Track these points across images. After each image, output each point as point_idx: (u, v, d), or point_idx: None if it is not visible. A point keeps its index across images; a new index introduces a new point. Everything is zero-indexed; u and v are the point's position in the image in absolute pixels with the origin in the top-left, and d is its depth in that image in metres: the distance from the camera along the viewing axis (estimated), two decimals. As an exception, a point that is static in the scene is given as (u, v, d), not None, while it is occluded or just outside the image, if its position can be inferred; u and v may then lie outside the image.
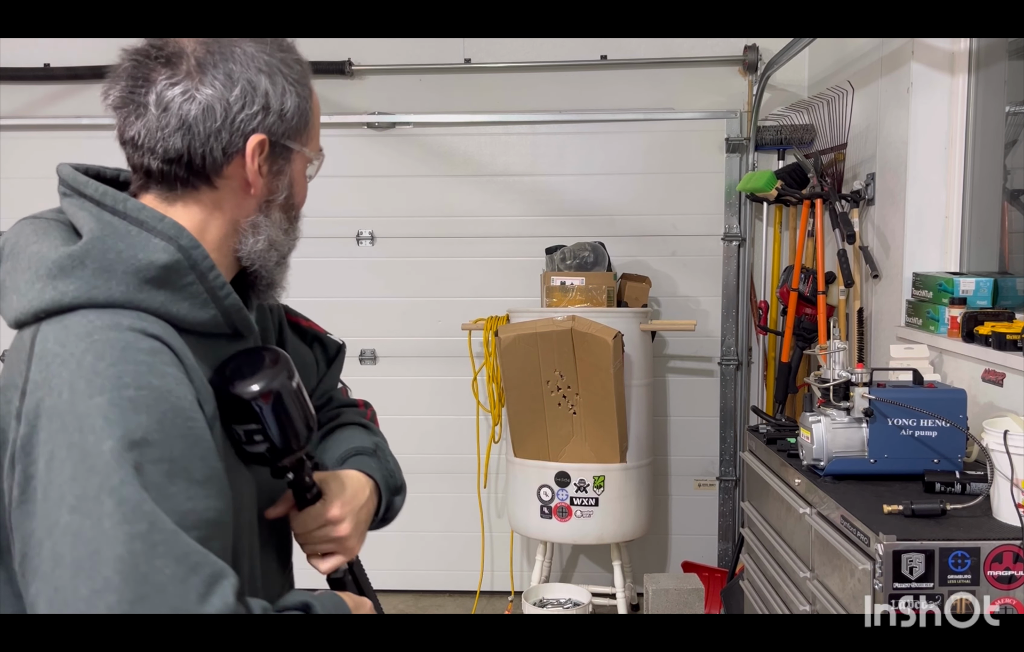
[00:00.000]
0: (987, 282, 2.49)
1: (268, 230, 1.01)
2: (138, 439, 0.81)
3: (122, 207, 0.91)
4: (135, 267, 0.89)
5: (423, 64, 3.84)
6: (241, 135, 0.95)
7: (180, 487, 0.82)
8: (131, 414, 0.81)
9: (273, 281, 1.05)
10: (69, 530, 0.78)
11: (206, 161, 0.94)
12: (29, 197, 3.81)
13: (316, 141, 1.06)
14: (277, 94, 0.96)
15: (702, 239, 3.85)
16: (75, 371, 0.82)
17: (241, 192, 0.98)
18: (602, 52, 3.82)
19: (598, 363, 3.12)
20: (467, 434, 3.89)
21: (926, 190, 2.80)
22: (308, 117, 1.02)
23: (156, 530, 0.79)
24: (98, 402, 0.81)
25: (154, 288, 0.89)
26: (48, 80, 3.90)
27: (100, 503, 0.78)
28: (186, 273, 0.92)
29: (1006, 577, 1.68)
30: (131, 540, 0.78)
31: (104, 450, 0.79)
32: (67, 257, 0.88)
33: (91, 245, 0.89)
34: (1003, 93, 2.68)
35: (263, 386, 0.96)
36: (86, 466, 0.79)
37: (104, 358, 0.83)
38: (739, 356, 3.84)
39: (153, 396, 0.83)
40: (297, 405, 0.99)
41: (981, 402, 2.26)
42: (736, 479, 3.85)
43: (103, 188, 0.93)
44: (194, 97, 0.92)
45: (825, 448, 2.10)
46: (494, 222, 3.90)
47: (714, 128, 3.81)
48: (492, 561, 4.00)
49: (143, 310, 0.89)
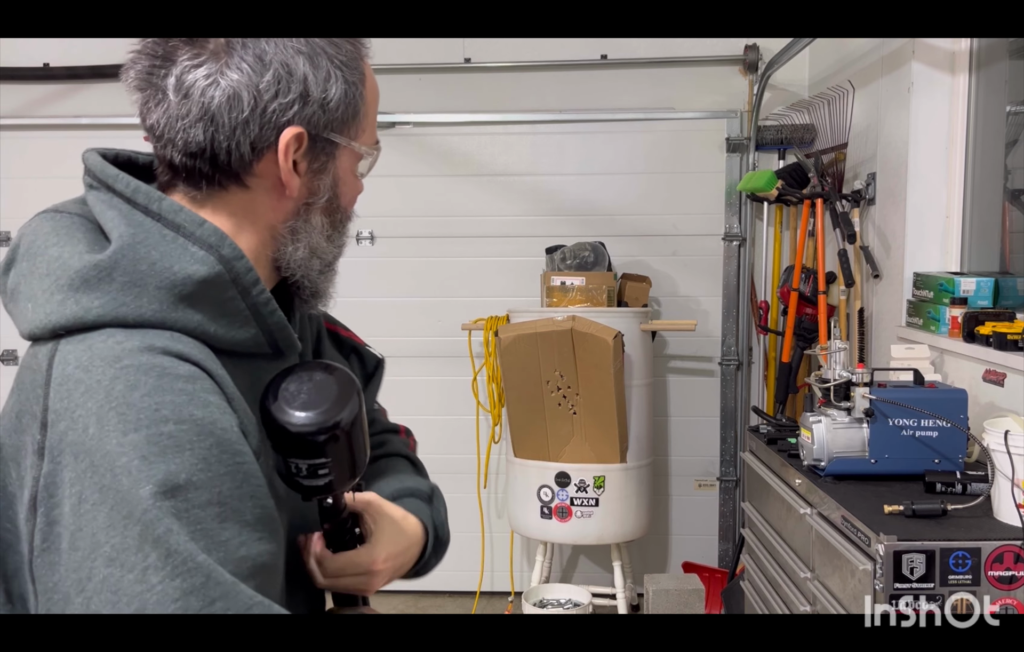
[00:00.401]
0: (988, 282, 2.49)
1: (309, 236, 0.88)
2: (182, 482, 0.70)
3: (156, 207, 0.80)
4: (170, 281, 0.77)
5: (423, 64, 3.84)
6: (274, 128, 0.82)
7: (232, 532, 0.72)
8: (172, 453, 0.71)
9: (318, 290, 0.94)
10: (107, 585, 0.68)
11: (232, 157, 0.82)
12: (29, 197, 3.82)
13: (371, 133, 0.91)
14: (319, 79, 0.83)
15: (702, 239, 3.85)
16: (103, 402, 0.71)
17: (276, 193, 0.86)
18: (602, 51, 3.82)
19: (598, 363, 3.12)
20: (467, 434, 3.89)
21: (927, 190, 2.79)
22: (359, 106, 0.87)
23: (213, 584, 0.69)
24: (133, 439, 0.70)
25: (190, 306, 0.78)
26: (47, 80, 3.91)
27: (144, 555, 0.68)
28: (227, 288, 0.81)
29: (1007, 577, 1.68)
30: (186, 596, 0.68)
31: (143, 496, 0.69)
32: (92, 267, 0.76)
33: (120, 254, 0.77)
34: (1004, 93, 2.68)
35: (342, 419, 0.83)
36: (123, 513, 0.69)
37: (138, 388, 0.72)
38: (739, 356, 3.83)
39: (196, 431, 0.72)
40: (363, 435, 0.88)
41: (982, 402, 2.25)
42: (736, 479, 3.85)
43: (135, 184, 0.81)
44: (218, 82, 0.80)
45: (826, 448, 2.10)
46: (494, 222, 3.90)
47: (714, 128, 3.81)
48: (492, 562, 4.00)
49: (178, 330, 0.78)
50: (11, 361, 3.97)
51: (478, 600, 3.95)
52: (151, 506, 0.69)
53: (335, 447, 0.84)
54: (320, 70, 0.83)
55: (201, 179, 0.84)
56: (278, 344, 0.88)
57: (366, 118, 0.90)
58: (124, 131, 3.83)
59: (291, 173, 0.84)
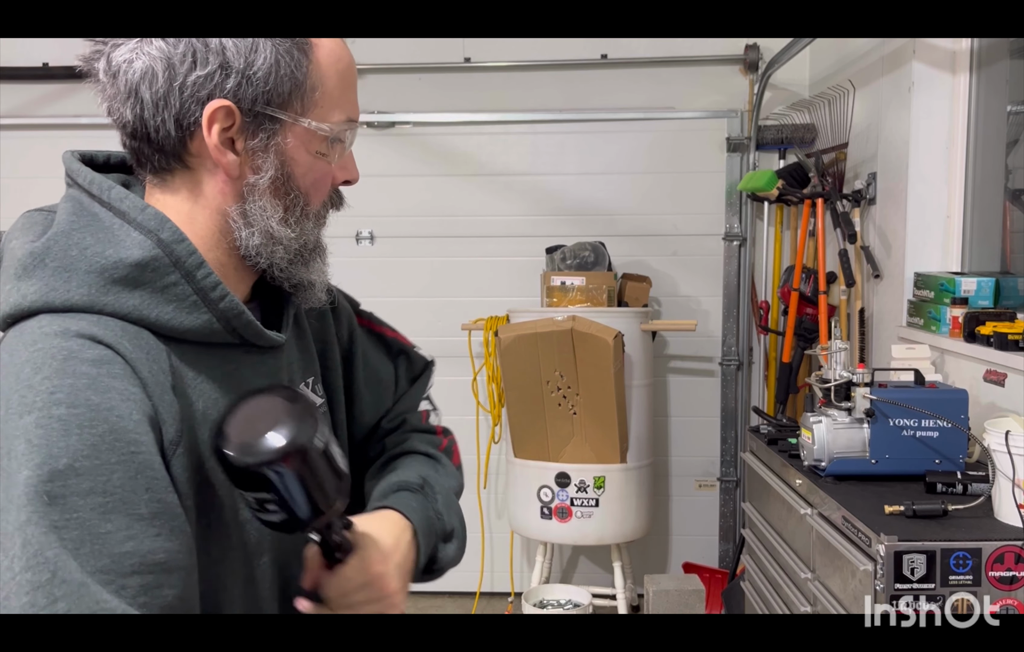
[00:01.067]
0: (989, 282, 2.49)
1: (261, 220, 0.85)
2: (62, 467, 0.68)
3: (106, 196, 0.80)
4: (100, 266, 0.77)
5: (423, 63, 3.84)
6: (196, 102, 0.80)
7: (118, 524, 0.69)
8: (58, 437, 0.69)
9: (298, 281, 0.90)
10: None
11: (160, 134, 0.81)
12: (28, 197, 3.81)
13: (330, 110, 0.86)
14: (241, 51, 0.80)
15: (703, 239, 3.84)
16: (13, 385, 0.71)
17: (218, 174, 0.83)
18: (602, 51, 3.81)
19: (598, 363, 3.11)
20: (467, 434, 3.89)
21: (927, 190, 2.79)
22: (301, 79, 0.83)
23: (58, 582, 0.66)
24: (25, 422, 0.69)
25: (125, 289, 0.77)
26: (47, 80, 3.91)
27: (13, 541, 0.66)
28: (167, 272, 0.79)
29: (1008, 578, 1.68)
30: (34, 591, 0.66)
31: (19, 480, 0.67)
32: (29, 255, 0.78)
33: (53, 240, 0.78)
34: (1004, 92, 2.68)
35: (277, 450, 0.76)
36: (6, 497, 0.68)
37: (40, 371, 0.71)
38: (740, 356, 3.83)
39: (89, 415, 0.70)
40: (326, 465, 0.80)
41: (983, 402, 2.25)
42: (737, 480, 3.85)
43: (92, 175, 0.82)
44: (136, 58, 0.80)
45: (826, 448, 2.09)
46: (494, 222, 3.90)
47: (715, 127, 3.81)
48: (492, 562, 4.00)
49: (108, 314, 0.76)
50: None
51: (478, 600, 3.95)
52: (22, 492, 0.67)
53: (284, 480, 0.77)
54: (243, 41, 0.81)
55: (146, 162, 0.84)
56: (240, 333, 0.85)
57: (321, 94, 0.85)
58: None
59: (221, 149, 0.82)
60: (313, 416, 0.80)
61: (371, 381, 1.11)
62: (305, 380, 0.98)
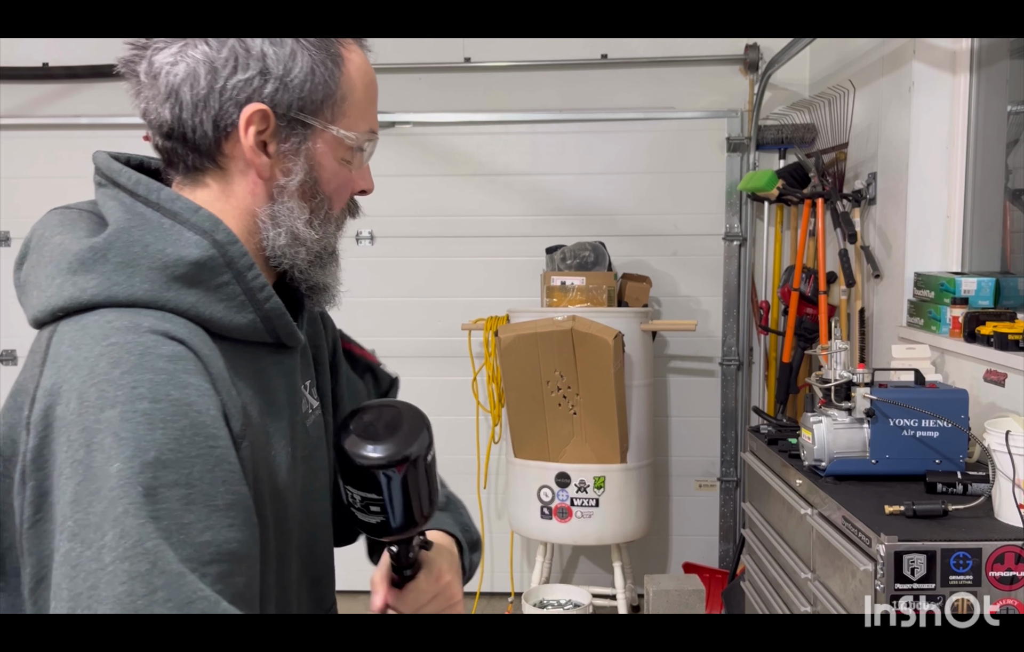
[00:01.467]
0: (989, 282, 2.48)
1: (288, 221, 0.88)
2: (150, 460, 0.71)
3: (155, 197, 0.83)
4: (162, 262, 0.79)
5: (423, 63, 3.84)
6: (235, 104, 0.83)
7: (198, 515, 0.72)
8: (145, 431, 0.71)
9: (314, 284, 0.93)
10: (68, 560, 0.69)
11: (197, 134, 0.84)
12: (28, 196, 3.82)
13: (356, 120, 0.90)
14: (280, 57, 0.84)
15: (703, 239, 3.84)
16: (86, 379, 0.73)
17: (250, 176, 0.87)
18: (602, 51, 3.81)
19: (598, 363, 3.11)
20: (467, 434, 3.88)
21: (928, 190, 2.79)
22: (333, 88, 0.87)
23: (158, 572, 0.69)
24: (108, 416, 0.71)
25: (184, 286, 0.80)
26: (47, 79, 3.90)
27: (102, 533, 0.69)
28: (221, 271, 0.82)
29: (1008, 578, 1.68)
30: (132, 580, 0.68)
31: (111, 472, 0.69)
32: (88, 250, 0.79)
33: (115, 237, 0.80)
34: (1005, 92, 2.68)
35: (392, 454, 0.82)
36: (91, 489, 0.70)
37: (119, 365, 0.73)
38: (740, 356, 3.83)
39: (171, 410, 0.73)
40: (427, 481, 0.85)
41: (983, 402, 2.25)
42: (737, 480, 3.85)
43: (137, 176, 0.84)
44: (179, 61, 0.83)
45: (826, 448, 2.09)
46: (494, 222, 3.90)
47: (715, 127, 3.81)
48: (492, 562, 4.00)
49: (169, 311, 0.79)
50: (11, 361, 3.97)
51: (478, 600, 3.95)
52: (116, 484, 0.69)
53: (392, 485, 0.83)
54: (283, 48, 0.84)
55: (179, 162, 0.87)
56: (278, 333, 0.88)
57: (347, 103, 0.89)
58: (124, 131, 3.83)
59: (255, 151, 0.85)
60: (427, 432, 0.86)
61: (351, 392, 1.14)
62: (304, 382, 1.00)
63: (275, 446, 0.87)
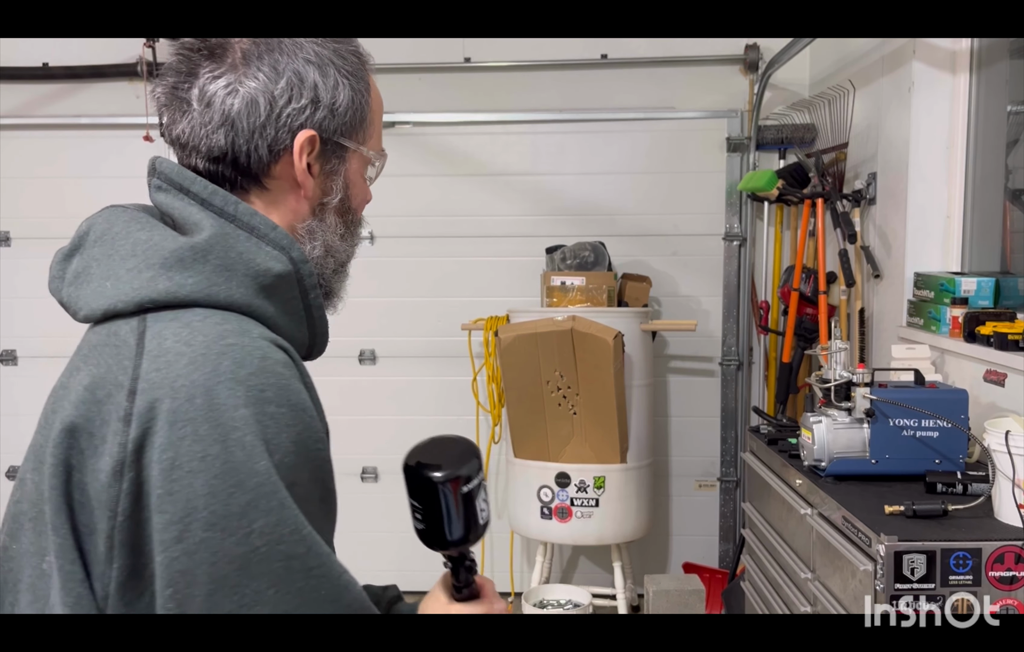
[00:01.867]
0: (989, 282, 2.48)
1: (324, 235, 0.95)
2: (277, 462, 0.76)
3: (232, 209, 0.87)
4: (255, 271, 0.84)
5: (423, 63, 3.84)
6: (288, 131, 0.89)
7: (307, 508, 0.79)
8: (274, 433, 0.77)
9: (331, 290, 0.99)
10: (206, 547, 0.73)
11: (251, 159, 0.89)
12: (28, 196, 3.81)
13: (377, 140, 0.99)
14: (328, 87, 0.90)
15: (703, 239, 3.84)
16: (211, 376, 0.76)
17: (293, 194, 0.92)
18: (602, 51, 3.81)
19: (598, 363, 3.11)
20: (467, 434, 3.87)
21: (928, 190, 2.79)
22: (365, 113, 0.95)
23: (313, 555, 0.77)
24: (243, 414, 0.75)
25: (267, 297, 0.85)
26: (47, 79, 3.90)
27: (249, 521, 0.74)
28: (292, 286, 0.88)
29: (1008, 578, 1.68)
30: (288, 559, 0.75)
31: (258, 469, 0.75)
32: (189, 248, 0.82)
33: (216, 240, 0.83)
34: (1004, 92, 2.68)
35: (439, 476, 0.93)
36: (229, 482, 0.74)
37: (244, 367, 0.77)
38: (740, 356, 3.83)
39: (292, 415, 0.79)
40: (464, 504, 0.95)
41: (983, 402, 2.25)
42: (737, 480, 3.85)
43: (212, 187, 0.88)
44: (237, 90, 0.87)
45: (826, 449, 2.09)
46: (494, 222, 3.90)
47: (715, 127, 3.81)
48: (492, 562, 3.99)
49: (257, 317, 0.84)
50: (11, 361, 3.96)
51: (478, 600, 3.94)
52: (265, 480, 0.75)
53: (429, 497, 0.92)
54: (329, 78, 0.91)
55: (224, 183, 0.90)
56: (315, 348, 0.96)
57: (372, 125, 0.97)
58: (124, 131, 3.84)
59: (306, 174, 0.91)
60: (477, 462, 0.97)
61: None
62: None
63: None
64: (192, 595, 0.73)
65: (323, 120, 0.91)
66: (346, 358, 3.93)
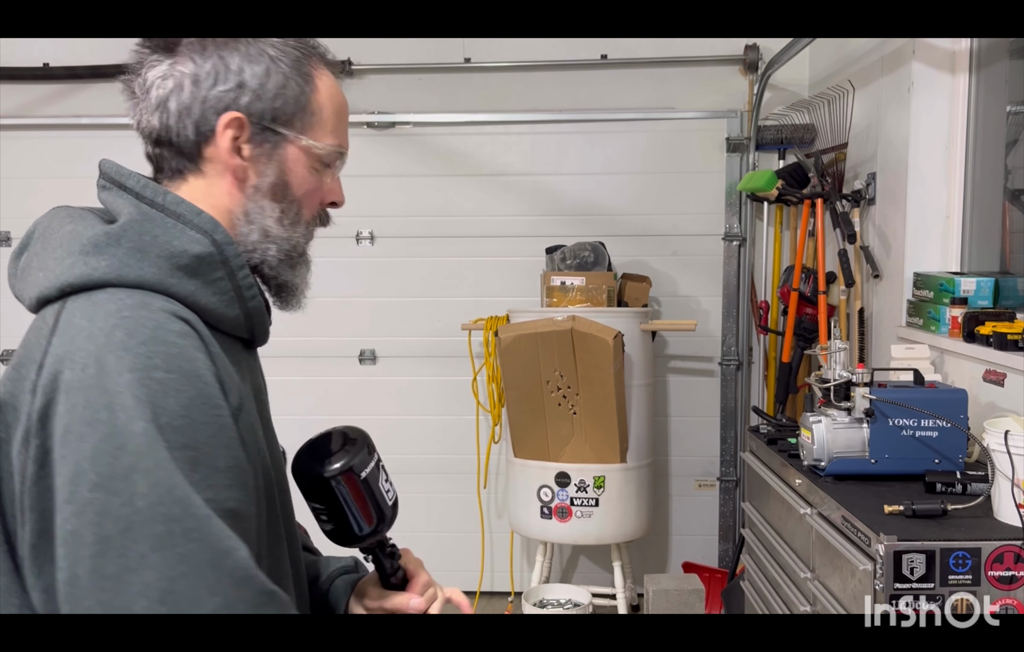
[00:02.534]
0: (988, 282, 2.49)
1: (260, 220, 0.97)
2: (163, 424, 0.79)
3: (161, 199, 0.92)
4: (169, 252, 0.88)
5: (423, 64, 3.84)
6: (214, 112, 0.93)
7: (202, 474, 0.80)
8: (160, 397, 0.79)
9: (283, 282, 1.01)
10: (91, 507, 0.76)
11: (181, 138, 0.94)
12: (28, 197, 3.81)
13: (325, 135, 1.00)
14: (256, 73, 0.94)
15: (703, 239, 3.84)
16: (103, 346, 0.80)
17: (228, 178, 0.96)
18: (602, 51, 3.81)
19: (598, 363, 3.12)
20: (467, 434, 3.89)
21: (927, 190, 2.79)
22: (304, 103, 0.97)
23: (189, 516, 0.78)
24: (127, 380, 0.79)
25: (185, 276, 0.89)
26: (47, 80, 3.90)
27: (132, 482, 0.77)
28: (217, 267, 0.91)
29: (1007, 577, 1.68)
30: (168, 521, 0.77)
31: (136, 431, 0.78)
32: (103, 234, 0.88)
33: (128, 226, 0.88)
34: (1004, 93, 2.68)
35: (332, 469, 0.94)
36: (113, 444, 0.77)
37: (135, 336, 0.81)
38: (740, 356, 3.83)
39: (182, 381, 0.81)
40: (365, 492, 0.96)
41: (982, 402, 2.25)
42: (737, 479, 3.85)
43: (144, 180, 0.93)
44: (169, 76, 0.93)
45: (826, 448, 2.09)
46: (494, 222, 3.90)
47: (714, 127, 3.81)
48: (492, 562, 4.00)
49: (171, 295, 0.87)
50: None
51: (478, 600, 3.95)
52: (143, 441, 0.78)
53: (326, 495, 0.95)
54: (259, 66, 0.94)
55: (165, 165, 0.97)
56: (254, 330, 0.97)
57: (317, 118, 0.99)
58: (124, 131, 3.81)
59: (231, 154, 0.95)
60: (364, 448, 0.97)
61: None
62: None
63: (258, 434, 0.94)
64: (80, 556, 0.76)
65: (250, 103, 0.94)
66: (346, 358, 3.93)
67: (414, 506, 3.94)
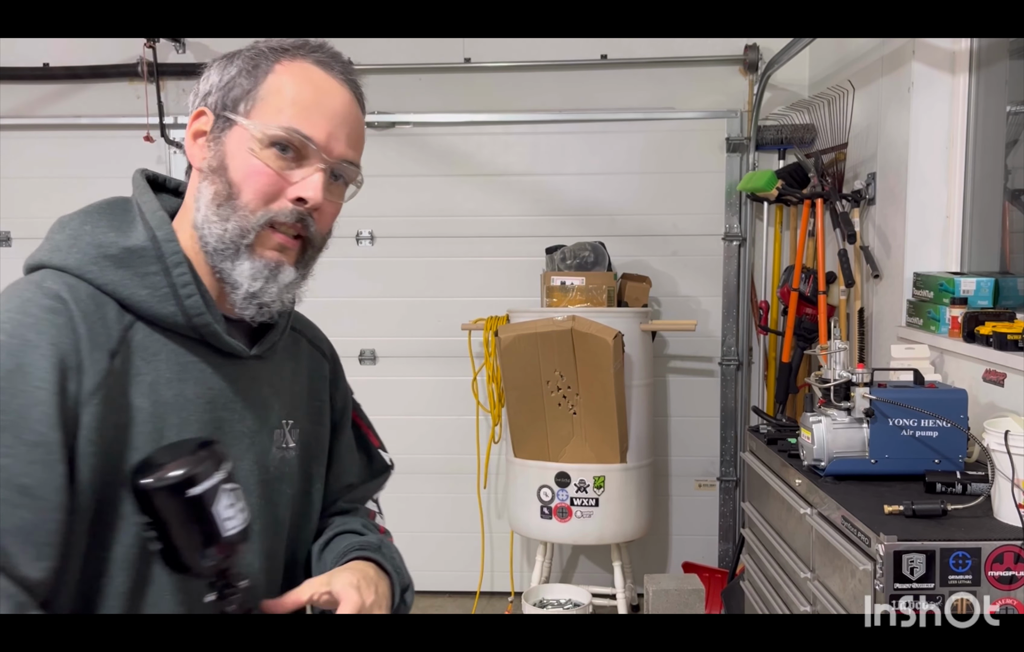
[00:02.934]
0: (988, 282, 2.48)
1: (200, 202, 0.96)
2: None
3: (137, 195, 1.00)
4: (99, 243, 0.93)
5: (423, 64, 3.84)
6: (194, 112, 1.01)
7: (5, 439, 0.81)
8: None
9: (226, 277, 0.96)
10: None
11: (184, 140, 1.03)
12: (28, 196, 3.81)
13: (271, 116, 0.95)
14: (222, 67, 0.99)
15: (702, 239, 3.85)
16: None
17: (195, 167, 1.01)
18: (602, 51, 3.81)
19: (598, 363, 3.12)
20: (467, 434, 3.89)
21: (927, 190, 2.79)
22: (251, 88, 0.96)
23: None
24: None
25: (111, 265, 0.92)
26: (47, 80, 3.90)
27: None
28: (151, 262, 0.94)
29: (1007, 577, 1.68)
30: None
31: None
32: (56, 222, 0.96)
33: (75, 216, 0.96)
34: (1004, 93, 2.68)
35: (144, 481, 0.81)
36: None
37: (6, 304, 0.87)
38: (740, 356, 3.83)
39: (13, 346, 0.84)
40: (195, 514, 0.81)
41: (982, 402, 2.25)
42: (737, 479, 3.85)
43: (142, 187, 1.01)
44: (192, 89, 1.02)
45: (826, 448, 2.09)
46: (494, 222, 3.90)
47: (714, 128, 3.81)
48: (492, 562, 4.00)
49: (90, 281, 0.91)
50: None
51: (478, 600, 3.95)
52: None
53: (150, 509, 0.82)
54: (230, 67, 0.98)
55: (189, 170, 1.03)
56: (200, 332, 0.95)
57: (267, 103, 0.95)
58: (123, 131, 3.84)
59: (192, 143, 0.99)
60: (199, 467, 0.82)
61: (348, 456, 1.21)
62: (285, 420, 1.06)
63: (166, 435, 0.91)
64: None
65: (208, 96, 0.98)
66: (346, 358, 3.89)
67: (414, 506, 3.95)
